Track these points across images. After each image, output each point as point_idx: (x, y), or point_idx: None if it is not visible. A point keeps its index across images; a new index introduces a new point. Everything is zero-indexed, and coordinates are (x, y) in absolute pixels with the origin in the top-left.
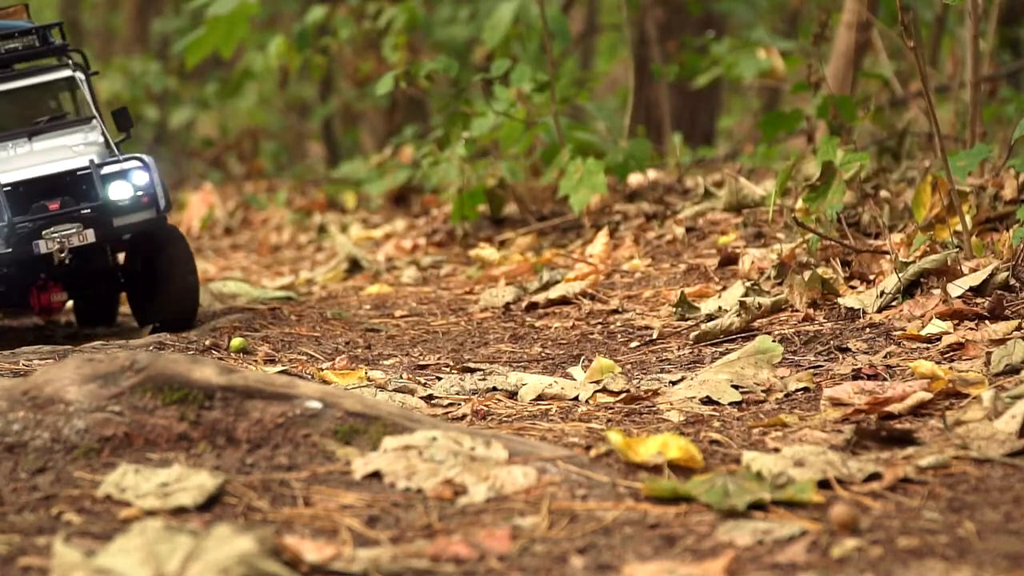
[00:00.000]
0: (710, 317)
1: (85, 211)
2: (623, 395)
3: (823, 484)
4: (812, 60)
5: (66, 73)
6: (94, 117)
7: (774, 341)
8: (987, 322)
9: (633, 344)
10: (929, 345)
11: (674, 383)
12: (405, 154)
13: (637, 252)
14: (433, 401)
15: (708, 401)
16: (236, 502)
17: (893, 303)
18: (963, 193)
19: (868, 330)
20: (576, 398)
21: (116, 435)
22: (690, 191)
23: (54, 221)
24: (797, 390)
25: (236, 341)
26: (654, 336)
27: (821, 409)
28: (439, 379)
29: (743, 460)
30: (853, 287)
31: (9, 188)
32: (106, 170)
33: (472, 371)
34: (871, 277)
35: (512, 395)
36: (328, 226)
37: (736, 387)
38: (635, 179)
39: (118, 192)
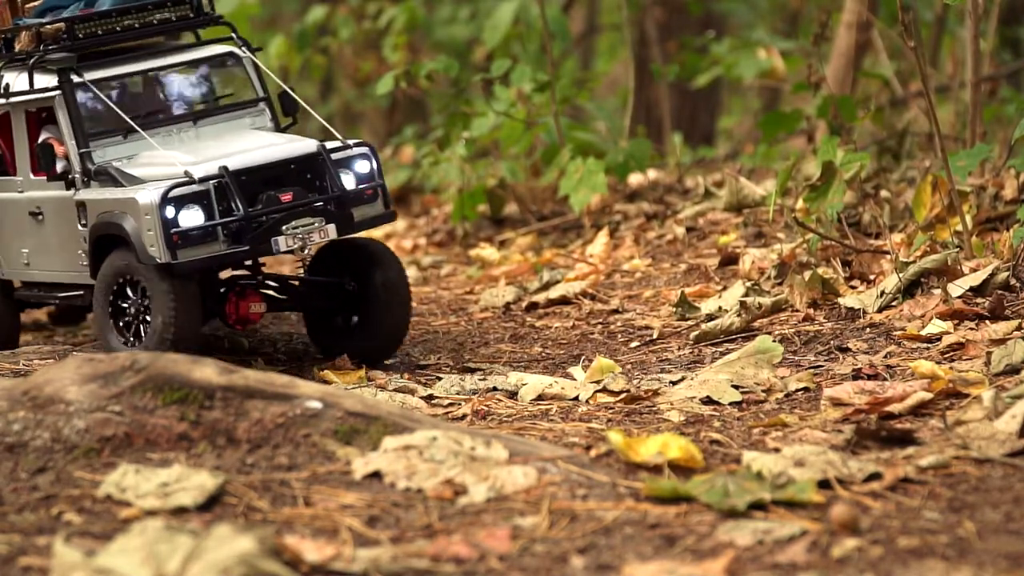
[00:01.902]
0: (710, 317)
1: (319, 204)
2: (623, 395)
3: (823, 484)
4: (812, 60)
5: (228, 48)
6: (262, 99)
7: (774, 341)
8: (987, 322)
9: (633, 344)
10: (929, 345)
11: (674, 383)
12: (405, 154)
13: (637, 252)
14: (433, 401)
15: (708, 401)
16: (236, 502)
17: (893, 303)
18: (963, 193)
19: (868, 330)
20: (576, 398)
21: (116, 435)
22: (690, 191)
23: (293, 215)
24: (797, 390)
25: (237, 341)
26: (654, 336)
27: (821, 409)
28: (439, 379)
29: (743, 460)
30: (853, 287)
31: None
32: (335, 156)
33: (472, 371)
34: (871, 277)
35: (512, 395)
36: None
37: (736, 387)
38: (635, 179)
39: (345, 182)
